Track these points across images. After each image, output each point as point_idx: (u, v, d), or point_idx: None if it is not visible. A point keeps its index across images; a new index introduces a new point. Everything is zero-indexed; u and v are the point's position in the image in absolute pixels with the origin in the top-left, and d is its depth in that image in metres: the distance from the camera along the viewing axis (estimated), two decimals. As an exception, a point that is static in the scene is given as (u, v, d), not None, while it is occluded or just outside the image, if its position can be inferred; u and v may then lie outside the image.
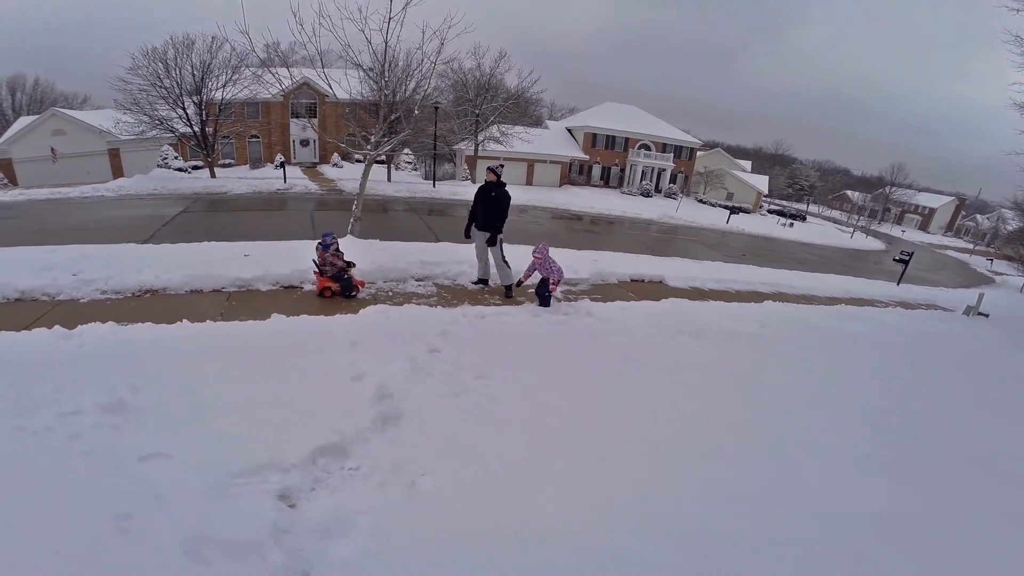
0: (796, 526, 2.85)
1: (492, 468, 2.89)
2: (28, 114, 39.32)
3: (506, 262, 7.47)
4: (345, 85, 15.16)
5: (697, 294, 10.63)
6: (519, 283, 7.41)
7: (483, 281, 8.04)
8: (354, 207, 10.12)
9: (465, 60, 28.74)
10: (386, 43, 9.84)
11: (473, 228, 7.58)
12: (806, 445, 3.95)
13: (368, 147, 10.15)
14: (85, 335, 4.57)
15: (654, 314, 7.54)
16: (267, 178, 24.83)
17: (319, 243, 6.54)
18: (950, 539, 2.97)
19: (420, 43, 10.01)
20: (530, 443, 3.23)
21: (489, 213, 7.26)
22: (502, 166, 7.61)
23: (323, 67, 9.65)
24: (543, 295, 7.02)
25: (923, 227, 74.51)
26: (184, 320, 4.98)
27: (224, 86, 23.63)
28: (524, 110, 36.67)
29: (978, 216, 74.93)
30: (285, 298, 6.48)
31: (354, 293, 6.64)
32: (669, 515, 2.78)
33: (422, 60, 10.72)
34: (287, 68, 14.37)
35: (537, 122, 44.19)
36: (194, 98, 23.35)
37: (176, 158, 29.38)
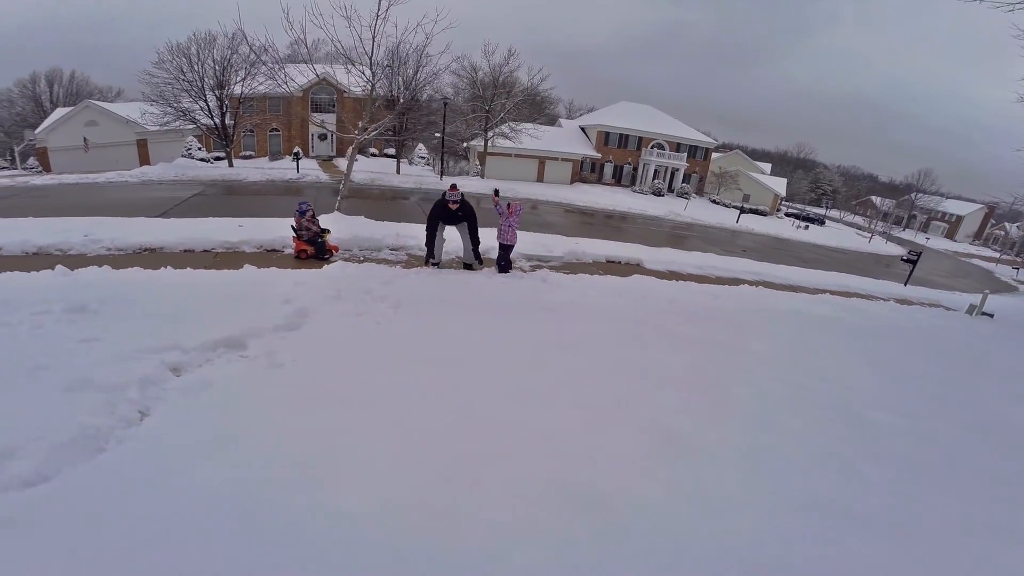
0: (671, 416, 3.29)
1: (352, 360, 3.54)
2: (64, 106, 41.34)
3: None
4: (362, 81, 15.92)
5: (672, 276, 10.84)
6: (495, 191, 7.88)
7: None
8: (341, 186, 10.80)
9: (474, 57, 29.43)
10: (373, 38, 10.50)
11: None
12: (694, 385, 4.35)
13: (355, 132, 10.80)
14: (84, 274, 5.34)
15: (608, 285, 7.92)
16: (283, 168, 25.88)
17: (296, 210, 7.18)
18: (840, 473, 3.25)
19: (399, 38, 10.62)
20: (397, 349, 3.82)
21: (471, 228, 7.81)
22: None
23: (349, 63, 10.32)
24: (501, 264, 7.55)
25: (949, 235, 72.38)
26: (168, 267, 5.66)
27: (243, 80, 24.69)
28: (538, 108, 37.16)
29: (1008, 224, 72.43)
30: (264, 258, 7.16)
31: (327, 256, 7.27)
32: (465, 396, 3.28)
33: (408, 54, 11.34)
34: (310, 64, 15.06)
35: (552, 120, 44.63)
36: (215, 91, 24.46)
37: (200, 149, 30.67)
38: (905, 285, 20.39)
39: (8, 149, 41.83)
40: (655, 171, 42.93)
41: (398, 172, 27.74)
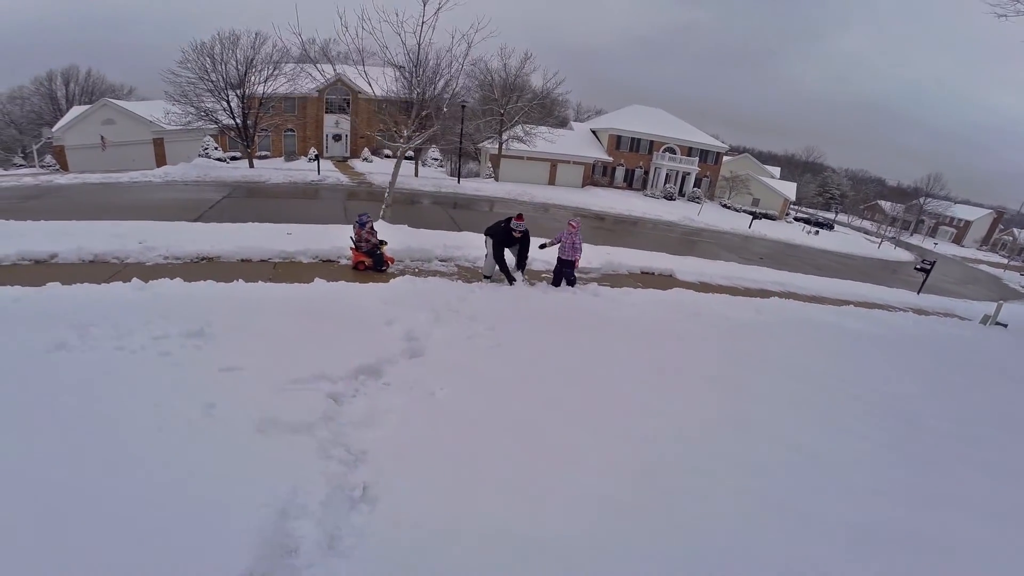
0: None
1: (493, 386, 3.67)
2: (80, 104, 41.56)
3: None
4: (381, 82, 16.09)
5: (705, 288, 11.07)
6: (541, 246, 7.97)
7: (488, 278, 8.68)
8: (386, 195, 10.94)
9: (492, 60, 29.54)
10: (419, 45, 10.64)
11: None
12: (777, 400, 4.56)
13: (401, 140, 10.94)
14: (157, 287, 5.47)
15: (656, 298, 8.14)
16: (301, 170, 26.06)
17: (356, 221, 7.33)
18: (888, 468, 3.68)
19: (450, 46, 10.76)
20: (523, 371, 3.99)
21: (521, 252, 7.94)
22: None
23: (363, 64, 10.48)
24: (561, 279, 7.71)
25: (957, 240, 72.30)
26: (239, 280, 5.82)
27: (265, 81, 24.87)
28: (549, 110, 37.27)
29: (1016, 230, 72.34)
30: (324, 269, 7.32)
31: (384, 267, 7.42)
32: (617, 419, 3.52)
33: (451, 62, 11.48)
34: (330, 64, 15.18)
35: (562, 123, 44.71)
36: (237, 91, 24.64)
37: (216, 148, 30.86)
38: (918, 293, 20.53)
39: (21, 146, 42.08)
40: (666, 175, 43.01)
41: (416, 175, 27.88)
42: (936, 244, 63.20)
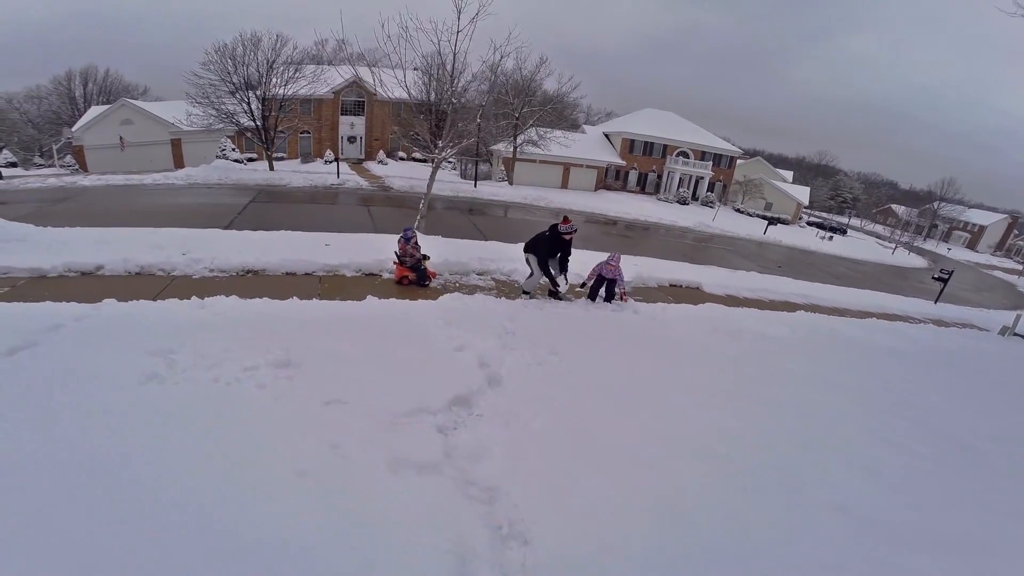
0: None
1: (580, 416, 3.79)
2: (98, 103, 42.05)
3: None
4: (401, 84, 16.21)
5: (732, 301, 11.16)
6: (582, 285, 8.02)
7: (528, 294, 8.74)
8: (421, 205, 11.04)
9: (506, 62, 29.58)
10: (454, 54, 10.75)
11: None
12: (825, 426, 4.65)
13: (436, 151, 11.06)
14: (216, 305, 5.53)
15: (692, 315, 8.21)
16: (320, 172, 26.26)
17: (402, 236, 7.44)
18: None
19: (486, 57, 10.88)
20: (601, 400, 4.14)
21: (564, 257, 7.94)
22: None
23: (403, 69, 10.59)
24: (594, 292, 7.80)
25: (971, 245, 71.71)
26: (294, 297, 5.93)
27: (286, 83, 25.08)
28: (562, 115, 37.33)
29: (1031, 236, 71.69)
30: (369, 284, 7.44)
31: (427, 282, 7.53)
32: (700, 446, 3.76)
33: (483, 72, 11.60)
34: (351, 65, 15.25)
35: (574, 126, 44.74)
36: (257, 93, 24.86)
37: (233, 150, 31.12)
38: (935, 303, 20.51)
39: (39, 145, 42.62)
40: (680, 179, 42.96)
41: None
42: (949, 249, 62.75)
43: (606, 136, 44.00)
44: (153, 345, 4.13)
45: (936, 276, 21.05)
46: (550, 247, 7.44)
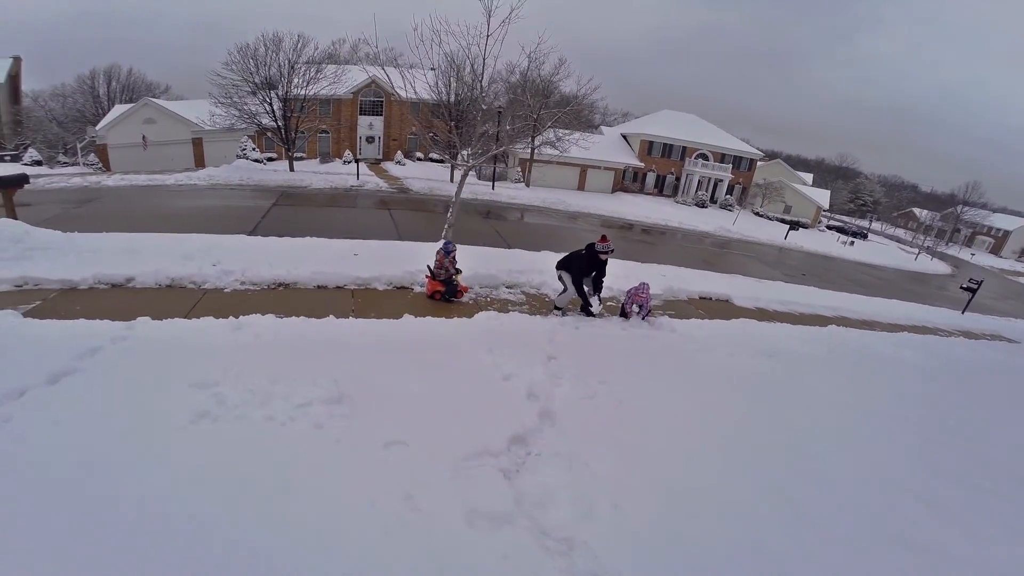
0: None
1: (635, 456, 3.64)
2: (121, 102, 42.62)
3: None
4: (420, 86, 16.14)
5: (763, 315, 10.94)
6: (622, 314, 7.83)
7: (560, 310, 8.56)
8: (449, 214, 10.94)
9: (540, 67, 29.42)
10: (484, 58, 10.64)
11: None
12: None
13: (465, 160, 10.97)
14: (253, 326, 5.39)
15: (728, 333, 8.03)
16: (339, 173, 26.33)
17: (441, 248, 7.35)
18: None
19: (516, 62, 10.80)
20: (657, 438, 4.02)
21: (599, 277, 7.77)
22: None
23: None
24: (624, 309, 7.69)
25: (995, 251, 69.98)
26: (331, 316, 5.84)
27: (307, 84, 25.16)
28: (579, 115, 37.06)
29: (1059, 243, 69.77)
30: (401, 298, 7.35)
31: (457, 297, 7.43)
32: (773, 487, 3.68)
33: (510, 75, 11.52)
34: (381, 67, 15.15)
35: (591, 127, 44.41)
36: (279, 93, 24.99)
37: (254, 149, 31.32)
38: (963, 313, 20.09)
39: (63, 143, 43.31)
40: (699, 182, 42.47)
41: (451, 180, 27.97)
42: (973, 255, 61.34)
43: (624, 137, 43.62)
44: (196, 375, 4.04)
45: (965, 286, 20.58)
46: (586, 266, 7.30)
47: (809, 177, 59.94)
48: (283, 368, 4.26)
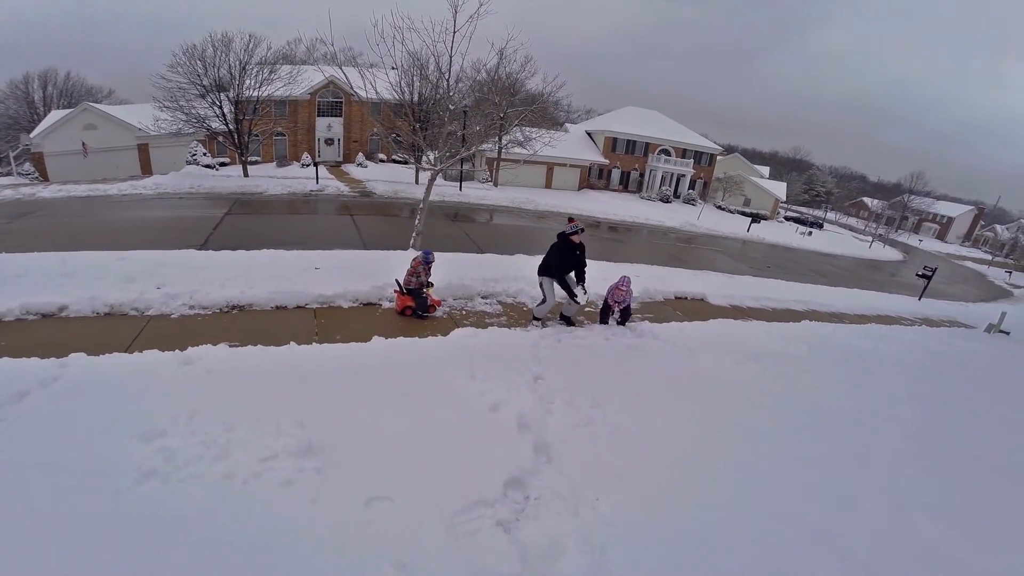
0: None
1: (645, 492, 3.31)
2: (58, 107, 39.97)
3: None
4: (382, 84, 15.49)
5: (738, 312, 10.92)
6: (602, 318, 7.60)
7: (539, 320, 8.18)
8: (416, 221, 10.45)
9: (490, 59, 28.98)
10: (450, 56, 10.18)
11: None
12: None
13: (434, 163, 10.50)
14: (204, 359, 4.74)
15: (706, 334, 7.88)
16: (297, 178, 25.21)
17: (422, 257, 6.90)
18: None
19: (485, 59, 10.47)
20: (662, 467, 3.72)
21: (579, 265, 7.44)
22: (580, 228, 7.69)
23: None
24: (604, 314, 7.42)
25: (940, 236, 73.84)
26: (291, 342, 5.29)
27: (260, 85, 24.01)
28: (545, 113, 36.85)
29: (997, 226, 74.13)
30: (368, 316, 6.83)
31: (429, 312, 6.96)
32: (793, 513, 3.36)
33: (476, 73, 11.17)
34: (339, 67, 14.43)
35: (557, 124, 44.33)
36: (230, 95, 23.75)
37: (204, 155, 29.81)
38: (919, 300, 20.90)
39: (-4, 152, 40.34)
40: (662, 177, 42.95)
41: (416, 182, 27.25)
42: (920, 241, 64.44)
43: (588, 135, 43.69)
44: (140, 424, 3.49)
45: (920, 273, 21.36)
46: (563, 257, 6.99)
47: (766, 170, 61.60)
48: (241, 410, 3.73)
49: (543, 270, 7.16)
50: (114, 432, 3.39)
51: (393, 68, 11.28)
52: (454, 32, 9.87)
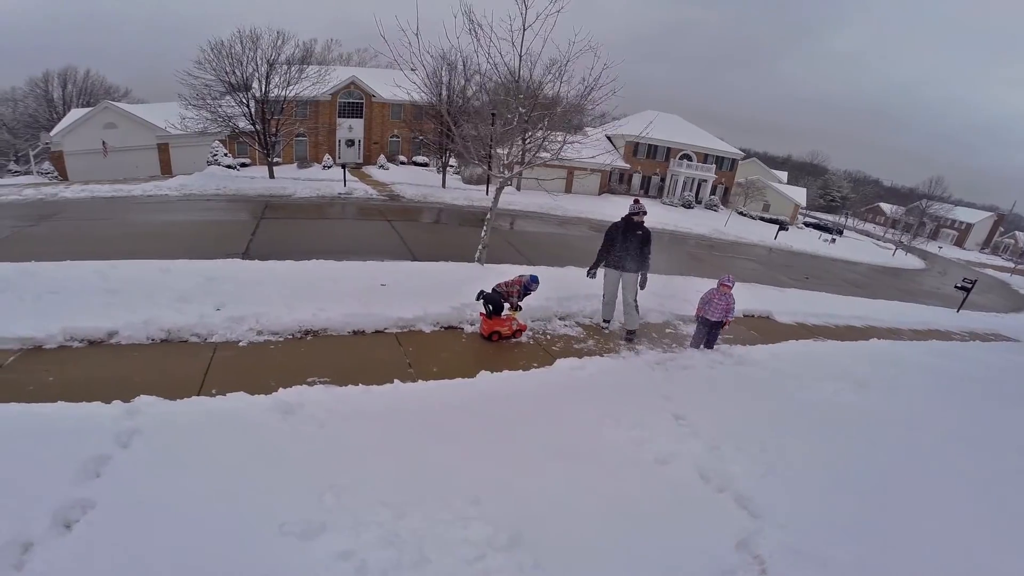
0: None
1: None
2: (78, 106, 39.76)
3: (637, 304, 7.26)
4: (411, 84, 14.98)
5: (805, 331, 10.49)
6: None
7: (607, 322, 7.76)
8: (483, 233, 10.01)
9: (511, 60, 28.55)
10: (520, 56, 9.78)
11: (605, 268, 7.39)
12: None
13: (504, 171, 10.14)
14: (307, 406, 3.99)
15: (801, 360, 7.39)
16: (322, 180, 24.81)
17: (527, 280, 6.57)
18: None
19: (555, 59, 10.04)
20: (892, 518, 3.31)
21: (638, 252, 7.05)
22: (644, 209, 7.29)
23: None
24: (698, 339, 6.92)
25: (959, 243, 72.79)
26: (396, 380, 4.75)
27: (288, 84, 23.62)
28: (572, 121, 36.32)
29: (1018, 233, 73.03)
30: (454, 342, 6.35)
31: (516, 337, 6.52)
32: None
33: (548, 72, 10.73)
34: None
35: (577, 127, 43.77)
36: (255, 94, 23.38)
37: (226, 155, 29.51)
38: (958, 312, 20.44)
39: (15, 151, 40.14)
40: (683, 182, 42.39)
41: (444, 186, 26.79)
42: (940, 248, 63.55)
43: (608, 139, 43.09)
44: (282, 511, 2.70)
45: (959, 285, 20.90)
46: (626, 237, 6.96)
47: (784, 175, 60.93)
48: (388, 480, 3.07)
49: (615, 263, 7.02)
50: (255, 527, 2.60)
51: (448, 64, 10.87)
52: (524, 28, 9.44)
